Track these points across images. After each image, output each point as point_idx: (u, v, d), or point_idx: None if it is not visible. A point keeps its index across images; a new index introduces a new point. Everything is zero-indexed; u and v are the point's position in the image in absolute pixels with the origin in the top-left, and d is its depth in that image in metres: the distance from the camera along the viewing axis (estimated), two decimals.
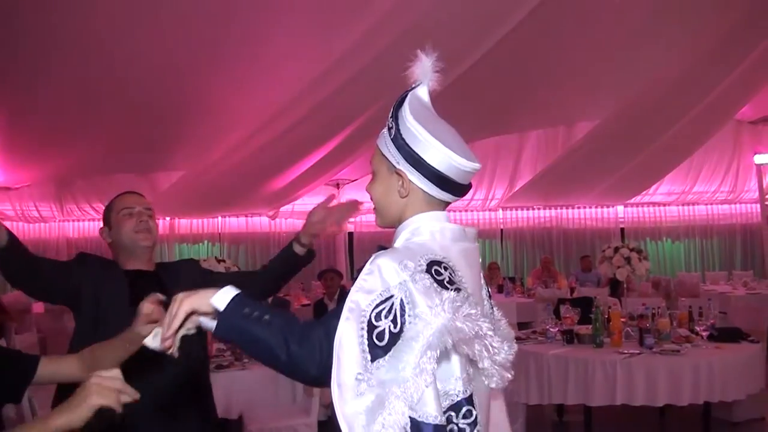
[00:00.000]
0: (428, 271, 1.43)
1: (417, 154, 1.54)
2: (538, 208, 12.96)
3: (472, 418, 1.43)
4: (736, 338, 4.86)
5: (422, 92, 1.64)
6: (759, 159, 11.73)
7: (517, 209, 12.96)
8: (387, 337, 1.35)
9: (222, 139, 8.73)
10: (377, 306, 1.38)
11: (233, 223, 12.58)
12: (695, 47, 7.64)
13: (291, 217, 12.42)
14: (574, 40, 7.56)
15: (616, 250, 5.40)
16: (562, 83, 8.86)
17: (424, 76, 1.63)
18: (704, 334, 4.80)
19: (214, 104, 8.00)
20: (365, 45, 6.33)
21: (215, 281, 2.57)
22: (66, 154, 9.42)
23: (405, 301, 1.37)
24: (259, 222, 12.59)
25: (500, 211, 12.98)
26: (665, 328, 4.80)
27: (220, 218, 12.47)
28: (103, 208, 2.78)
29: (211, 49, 6.72)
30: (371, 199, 1.69)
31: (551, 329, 5.19)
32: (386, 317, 1.36)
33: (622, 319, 5.11)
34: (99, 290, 2.41)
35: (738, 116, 11.10)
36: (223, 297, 1.48)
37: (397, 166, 1.58)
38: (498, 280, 10.41)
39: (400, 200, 1.61)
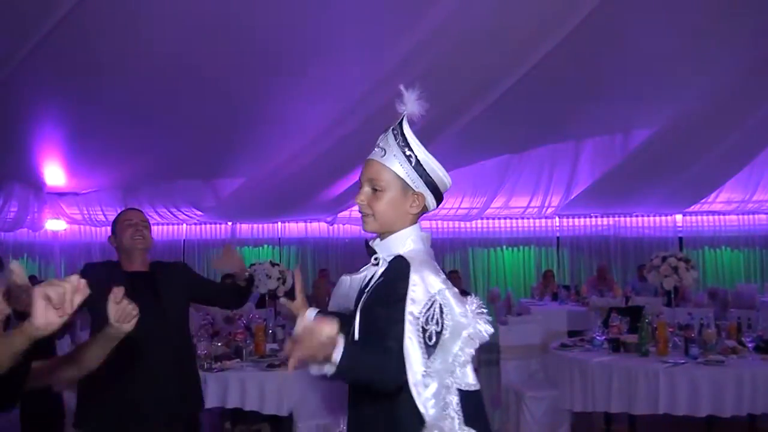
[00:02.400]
0: None
1: (433, 180, 1.98)
2: (596, 216, 12.81)
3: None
4: None
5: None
6: None
7: (573, 217, 12.86)
8: (434, 337, 1.79)
9: (283, 147, 8.98)
10: (425, 313, 1.79)
11: (293, 228, 12.86)
12: (753, 50, 7.55)
13: (349, 223, 12.62)
14: (630, 46, 7.55)
15: (664, 259, 5.41)
16: (617, 91, 8.82)
17: (413, 106, 1.94)
18: (750, 345, 4.78)
19: (275, 112, 8.24)
20: (421, 53, 6.46)
21: (203, 285, 3.62)
22: (132, 162, 9.83)
23: (443, 305, 1.81)
24: (318, 227, 12.84)
25: (556, 218, 12.90)
26: (711, 339, 4.80)
27: (279, 223, 12.76)
28: (167, 212, 3.58)
29: (273, 57, 6.96)
30: (369, 208, 2.00)
31: (598, 337, 5.24)
32: (431, 321, 1.79)
33: (670, 329, 5.12)
34: (104, 291, 2.96)
35: None
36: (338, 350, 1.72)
37: (416, 189, 1.97)
38: (553, 287, 10.41)
39: (407, 214, 2.00)
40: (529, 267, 13.02)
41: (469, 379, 1.84)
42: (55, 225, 11.28)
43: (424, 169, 1.95)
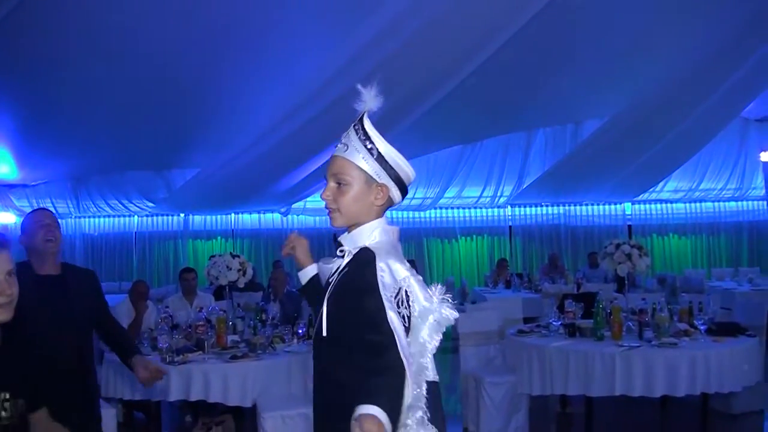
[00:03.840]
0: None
1: (396, 172, 2.04)
2: (547, 205, 13.06)
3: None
4: (734, 332, 4.98)
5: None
6: (765, 156, 11.77)
7: (525, 206, 13.07)
8: (406, 321, 1.84)
9: (236, 137, 8.90)
10: (395, 297, 1.83)
11: (246, 219, 12.78)
12: (702, 45, 7.75)
13: (303, 214, 12.59)
14: (582, 38, 7.68)
15: (618, 246, 5.54)
16: (569, 81, 8.97)
17: (373, 102, 2.00)
18: (702, 328, 4.93)
19: (229, 102, 8.17)
20: (378, 44, 6.46)
21: (102, 305, 3.39)
22: (82, 152, 9.65)
23: (408, 291, 1.85)
24: (271, 219, 12.77)
25: (509, 207, 13.08)
26: (664, 323, 4.93)
27: (233, 215, 12.66)
28: (118, 204, 3.27)
29: (226, 48, 6.89)
30: (335, 203, 2.03)
31: (554, 323, 5.34)
32: (401, 305, 1.83)
33: (624, 314, 5.24)
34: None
35: (744, 114, 11.19)
36: None
37: (379, 180, 2.01)
38: (506, 275, 10.55)
39: (373, 207, 2.03)
40: (483, 256, 13.17)
41: (429, 369, 1.87)
42: (4, 218, 11.03)
43: (387, 162, 2.01)
